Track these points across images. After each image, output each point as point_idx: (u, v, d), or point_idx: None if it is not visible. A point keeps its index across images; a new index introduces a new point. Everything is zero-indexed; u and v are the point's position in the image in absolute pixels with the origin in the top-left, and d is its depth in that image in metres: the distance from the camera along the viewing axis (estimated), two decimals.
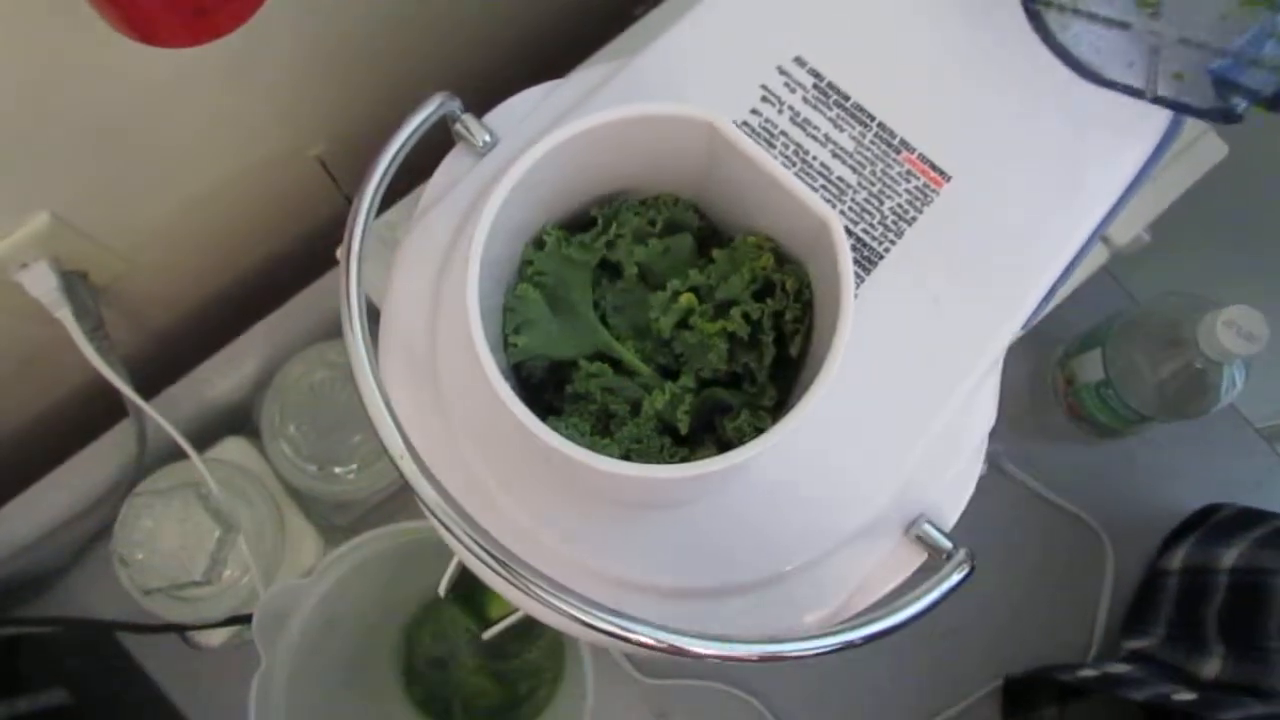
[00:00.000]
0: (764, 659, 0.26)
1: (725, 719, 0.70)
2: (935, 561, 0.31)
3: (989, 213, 0.33)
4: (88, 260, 0.62)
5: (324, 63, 0.62)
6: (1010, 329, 0.33)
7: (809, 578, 0.31)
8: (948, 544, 0.30)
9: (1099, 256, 0.66)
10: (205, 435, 0.65)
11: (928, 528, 0.31)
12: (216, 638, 0.64)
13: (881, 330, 0.32)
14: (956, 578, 0.29)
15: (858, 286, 0.32)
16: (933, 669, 0.69)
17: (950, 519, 0.31)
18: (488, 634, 0.41)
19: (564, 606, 0.26)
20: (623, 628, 0.26)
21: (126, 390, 0.61)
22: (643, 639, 0.26)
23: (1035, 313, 0.35)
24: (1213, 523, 0.62)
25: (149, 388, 0.65)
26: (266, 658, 0.52)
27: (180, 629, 0.62)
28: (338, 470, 0.61)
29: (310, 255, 0.70)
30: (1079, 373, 0.67)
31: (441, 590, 0.41)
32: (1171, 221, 0.62)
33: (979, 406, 0.32)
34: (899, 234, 0.33)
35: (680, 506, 0.30)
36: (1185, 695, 0.54)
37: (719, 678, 0.69)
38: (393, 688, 0.69)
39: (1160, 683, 0.57)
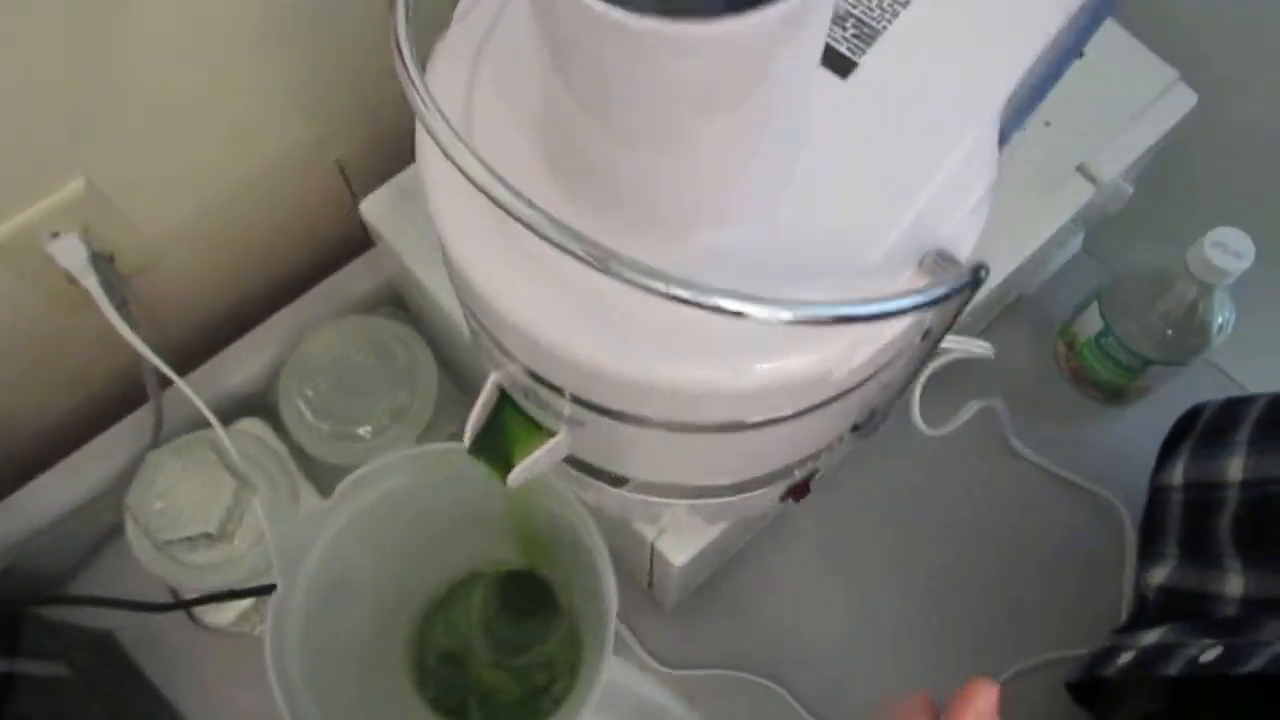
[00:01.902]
0: (838, 320, 0.27)
1: (748, 707, 0.67)
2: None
3: None
4: (116, 243, 0.64)
5: (345, 62, 0.66)
6: (1010, 78, 0.35)
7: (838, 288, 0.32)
8: (960, 262, 0.31)
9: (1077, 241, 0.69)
10: (223, 418, 0.66)
11: (940, 259, 0.32)
12: (225, 615, 0.62)
13: (884, 90, 0.34)
14: (982, 274, 0.30)
15: (860, 56, 0.35)
16: (954, 659, 0.67)
17: (960, 255, 0.32)
18: (513, 478, 0.40)
19: (633, 276, 0.26)
20: (700, 295, 0.26)
21: (151, 356, 0.62)
22: (721, 304, 0.26)
23: (1031, 101, 0.37)
24: (1203, 427, 0.61)
25: (164, 382, 0.66)
26: (284, 583, 0.51)
27: (190, 604, 0.61)
28: (357, 431, 0.61)
29: (325, 267, 0.72)
30: (1079, 333, 0.68)
31: (467, 440, 0.42)
32: (1148, 192, 0.65)
33: (980, 159, 0.34)
34: (894, 15, 0.36)
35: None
36: (1211, 653, 0.53)
37: (740, 667, 0.67)
38: (405, 687, 0.67)
39: (1188, 638, 0.56)
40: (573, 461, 0.44)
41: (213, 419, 0.61)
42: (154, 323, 0.73)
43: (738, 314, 0.27)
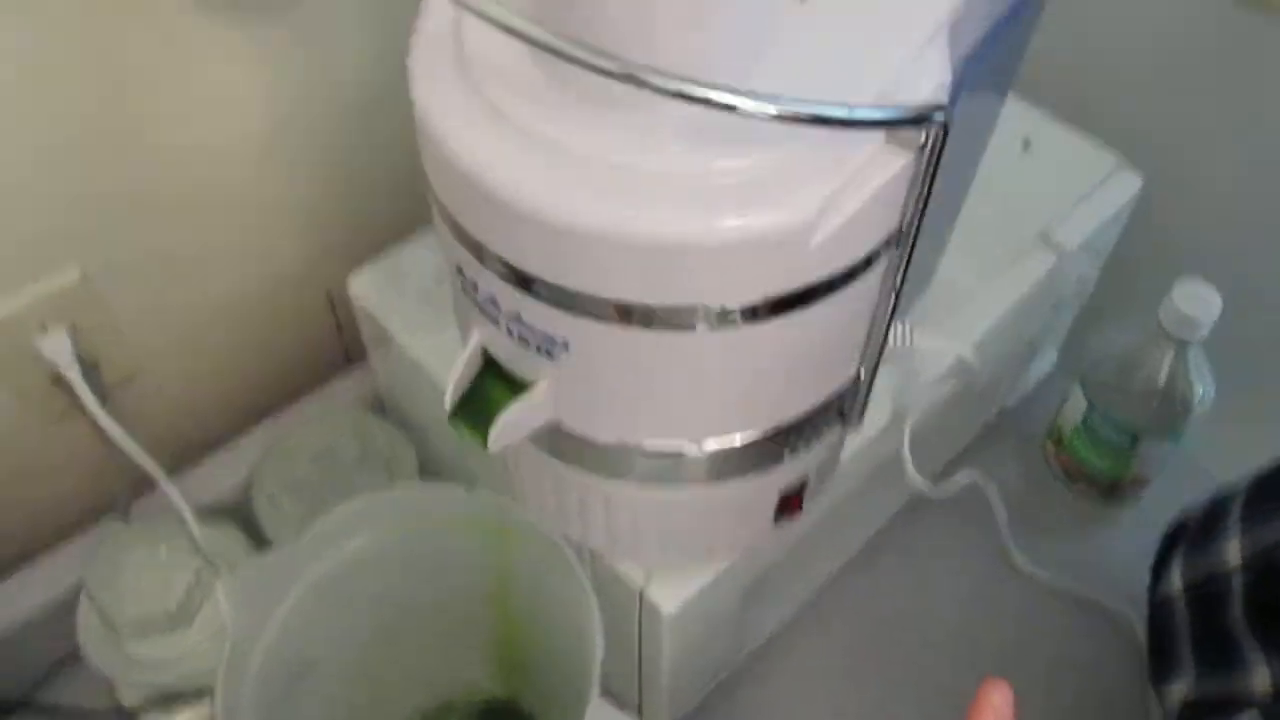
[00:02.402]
0: (815, 120, 0.28)
1: None
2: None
3: None
4: (101, 349, 0.65)
5: (345, 191, 0.70)
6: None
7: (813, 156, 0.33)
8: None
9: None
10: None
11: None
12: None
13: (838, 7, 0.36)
14: (938, 115, 0.31)
15: None
16: None
17: None
18: (494, 438, 0.39)
19: (644, 77, 0.28)
20: (698, 90, 0.28)
21: (142, 456, 0.60)
22: (713, 97, 0.27)
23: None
24: (1192, 529, 0.59)
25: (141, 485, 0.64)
26: (235, 658, 0.46)
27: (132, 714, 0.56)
28: None
29: (304, 387, 0.73)
30: (1065, 424, 0.68)
31: (448, 403, 0.40)
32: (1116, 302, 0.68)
33: (931, 62, 0.35)
34: None
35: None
36: None
37: None
38: None
39: None
40: (552, 446, 0.43)
41: (185, 508, 0.59)
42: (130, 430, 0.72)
43: (729, 107, 0.28)
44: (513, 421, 0.39)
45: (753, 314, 0.34)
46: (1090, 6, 0.70)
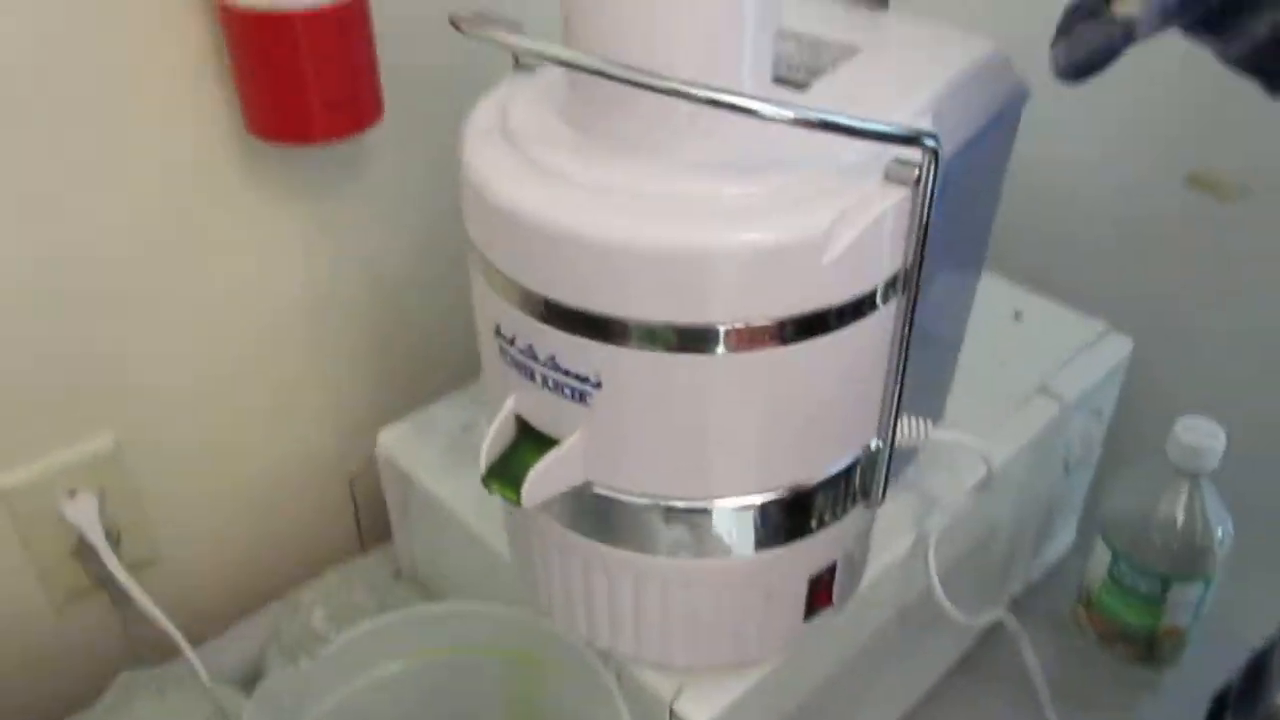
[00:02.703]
0: (825, 126, 0.32)
1: None
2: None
3: None
4: (125, 523, 0.66)
5: (372, 372, 0.74)
6: (925, 93, 0.42)
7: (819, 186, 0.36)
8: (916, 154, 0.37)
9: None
10: None
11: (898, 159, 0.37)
12: None
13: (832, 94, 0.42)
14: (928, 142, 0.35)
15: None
16: None
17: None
18: (527, 491, 0.40)
19: (674, 86, 0.32)
20: (722, 95, 0.32)
21: (165, 624, 0.60)
22: (737, 102, 0.32)
23: None
24: (1235, 695, 0.57)
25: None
26: None
27: None
28: None
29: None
30: (1092, 583, 0.68)
31: (482, 464, 0.42)
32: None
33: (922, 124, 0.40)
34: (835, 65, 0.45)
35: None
36: None
37: None
38: None
39: None
40: (580, 522, 0.43)
41: (203, 671, 0.57)
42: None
43: (751, 112, 0.33)
44: (545, 473, 0.40)
45: (771, 335, 0.37)
46: (1059, 191, 0.78)
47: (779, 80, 0.42)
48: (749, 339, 0.37)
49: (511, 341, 0.40)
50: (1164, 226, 0.74)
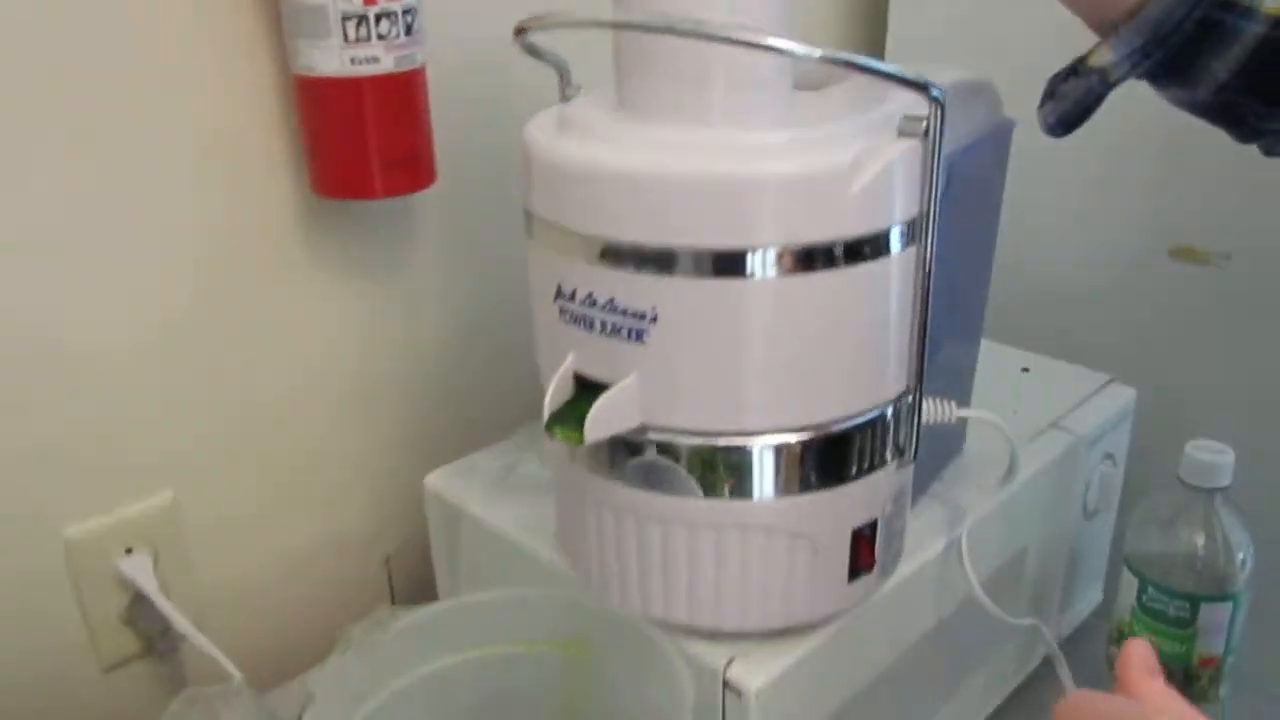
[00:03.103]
0: (850, 65, 0.39)
1: None
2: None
3: None
4: (175, 585, 0.68)
5: (414, 450, 0.77)
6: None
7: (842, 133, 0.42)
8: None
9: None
10: None
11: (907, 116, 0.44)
12: None
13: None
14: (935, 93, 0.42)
15: None
16: None
17: None
18: (589, 427, 0.43)
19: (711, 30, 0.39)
20: (754, 36, 0.38)
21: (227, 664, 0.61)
22: (770, 43, 0.38)
23: None
24: None
25: None
26: None
27: None
28: None
29: None
30: (1122, 614, 0.69)
31: (546, 413, 0.45)
32: None
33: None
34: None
35: None
36: None
37: None
38: None
39: None
40: (636, 472, 0.46)
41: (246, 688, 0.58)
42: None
43: (782, 50, 0.39)
44: (605, 409, 0.44)
45: (805, 261, 0.42)
46: (1053, 266, 0.84)
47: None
48: (787, 265, 0.42)
49: (572, 296, 0.45)
50: (1152, 291, 0.80)
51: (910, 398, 0.48)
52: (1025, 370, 0.76)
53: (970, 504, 0.60)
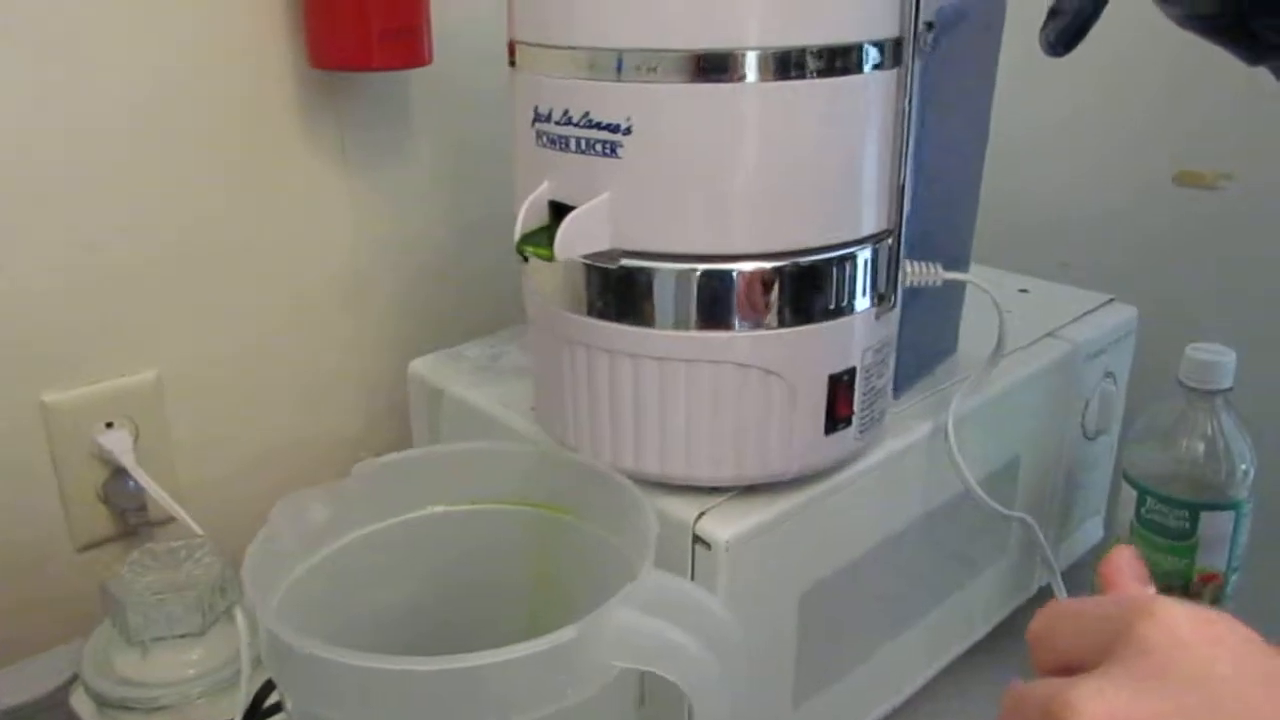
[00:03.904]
0: None
1: None
2: None
3: None
4: (153, 468, 0.67)
5: (402, 353, 0.76)
6: None
7: None
8: None
9: None
10: None
11: None
12: None
13: None
14: None
15: None
16: None
17: None
18: (560, 241, 0.42)
19: None
20: None
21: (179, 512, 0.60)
22: None
23: None
24: None
25: None
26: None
27: None
28: None
29: None
30: (1120, 529, 0.67)
31: (517, 233, 0.44)
32: None
33: None
34: None
35: None
36: None
37: None
38: None
39: None
40: (608, 301, 0.45)
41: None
42: None
43: None
44: (575, 226, 0.43)
45: (780, 67, 0.41)
46: (1054, 188, 0.83)
47: None
48: (761, 70, 0.41)
49: (548, 117, 0.44)
50: (1153, 215, 0.78)
51: (890, 241, 0.47)
52: (1023, 291, 0.74)
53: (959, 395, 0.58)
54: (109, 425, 0.65)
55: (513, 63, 0.47)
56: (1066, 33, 0.47)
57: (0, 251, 0.58)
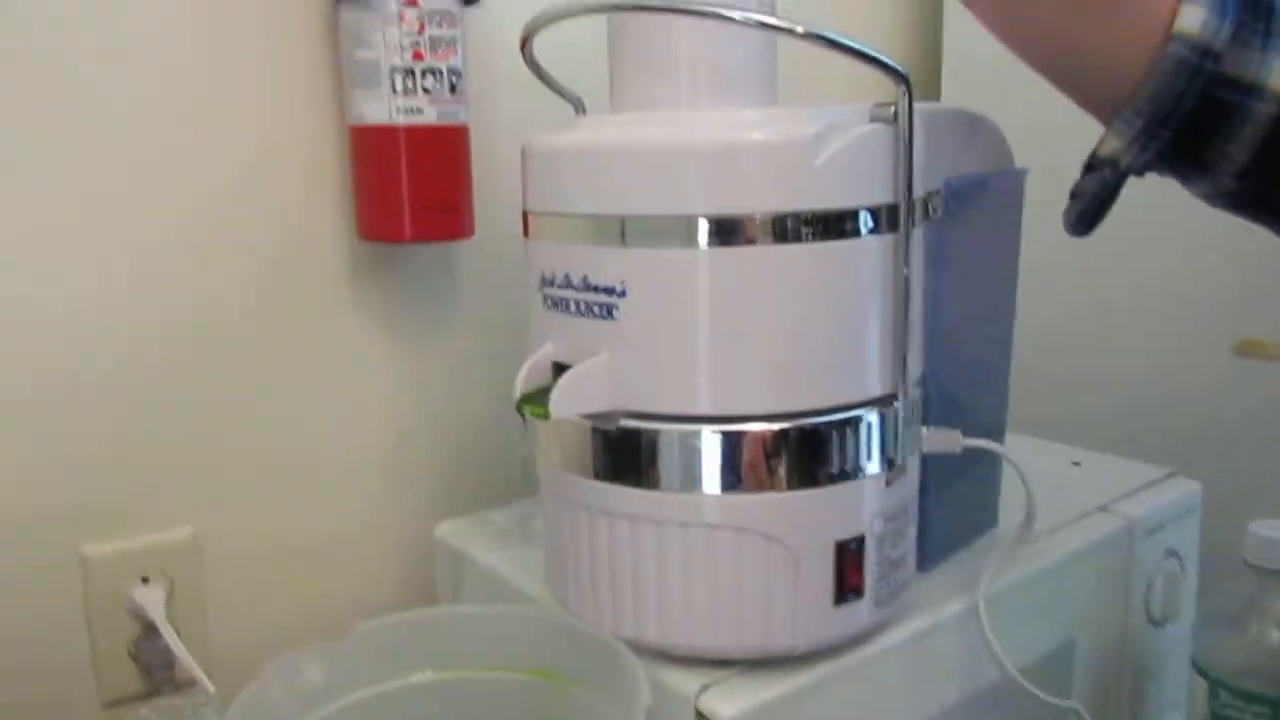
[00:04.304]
0: (824, 42, 0.40)
1: None
2: None
3: None
4: (186, 625, 0.67)
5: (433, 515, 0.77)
6: None
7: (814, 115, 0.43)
8: None
9: None
10: None
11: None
12: None
13: None
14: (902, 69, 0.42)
15: None
16: None
17: None
18: (556, 399, 0.42)
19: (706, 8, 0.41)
20: (747, 14, 0.41)
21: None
22: (761, 20, 0.41)
23: None
24: None
25: None
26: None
27: None
28: None
29: None
30: None
31: (516, 391, 0.45)
32: None
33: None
34: None
35: None
36: None
37: None
38: None
39: None
40: (607, 462, 0.45)
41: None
42: None
43: (770, 26, 0.41)
44: (572, 385, 0.43)
45: (770, 231, 0.41)
46: (1110, 357, 0.80)
47: None
48: (750, 234, 0.41)
49: (552, 281, 0.46)
50: (1213, 387, 0.75)
51: (897, 405, 0.46)
52: (1076, 464, 0.71)
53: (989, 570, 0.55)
54: (144, 580, 0.66)
55: (526, 232, 0.49)
56: (1085, 214, 0.46)
57: (50, 406, 0.60)
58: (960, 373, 0.54)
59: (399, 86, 0.62)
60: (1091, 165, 0.45)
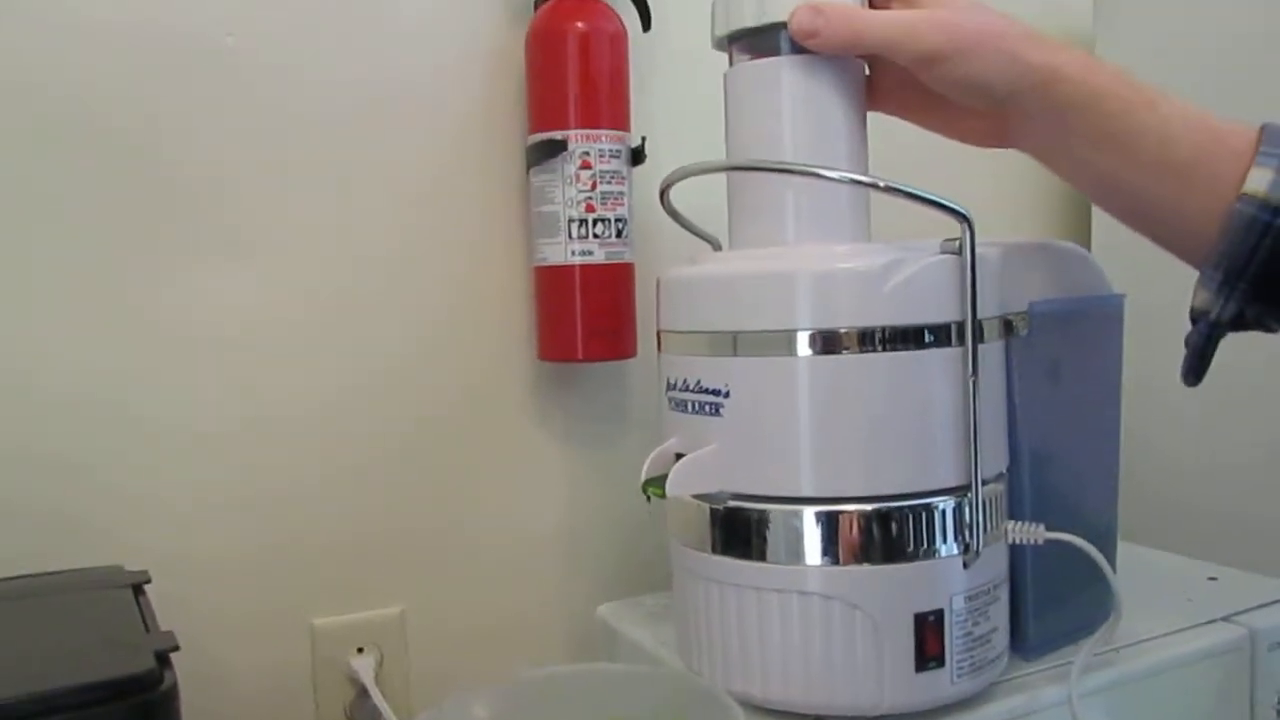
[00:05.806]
0: (896, 192, 0.50)
1: None
2: None
3: None
4: (388, 693, 0.79)
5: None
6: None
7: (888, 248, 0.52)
8: None
9: None
10: None
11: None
12: None
13: None
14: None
15: None
16: None
17: None
18: (673, 481, 0.52)
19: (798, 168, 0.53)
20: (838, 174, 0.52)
21: None
22: (851, 177, 0.52)
23: None
24: None
25: None
26: None
27: None
28: None
29: None
30: None
31: (644, 474, 0.55)
32: None
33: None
34: None
35: None
36: None
37: None
38: None
39: None
40: (717, 537, 0.54)
41: None
42: None
43: (857, 182, 0.51)
44: (684, 470, 0.53)
45: (846, 343, 0.50)
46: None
47: None
48: (828, 346, 0.50)
49: (674, 385, 0.56)
50: None
51: (972, 495, 0.52)
52: (1212, 579, 0.73)
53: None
54: (359, 650, 0.78)
55: (659, 348, 0.60)
56: (1194, 366, 0.51)
57: (296, 497, 0.75)
58: (1057, 474, 0.59)
59: (574, 234, 0.75)
60: (1193, 318, 0.49)
